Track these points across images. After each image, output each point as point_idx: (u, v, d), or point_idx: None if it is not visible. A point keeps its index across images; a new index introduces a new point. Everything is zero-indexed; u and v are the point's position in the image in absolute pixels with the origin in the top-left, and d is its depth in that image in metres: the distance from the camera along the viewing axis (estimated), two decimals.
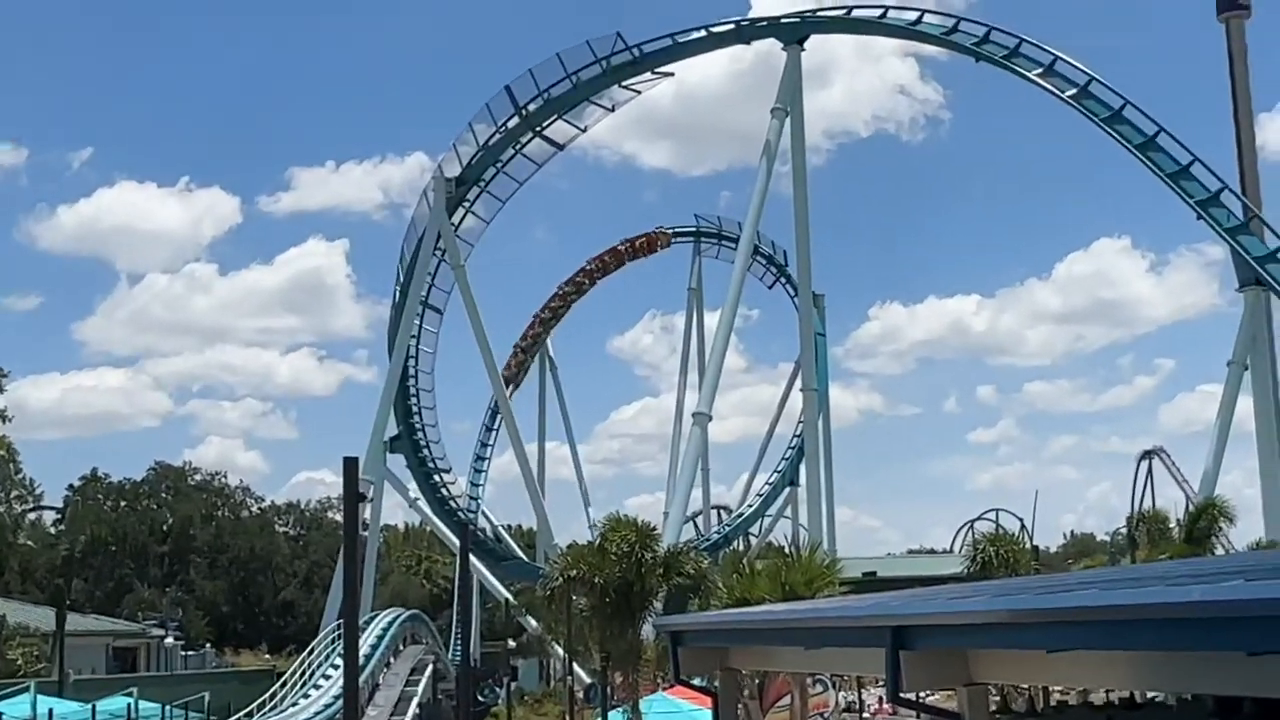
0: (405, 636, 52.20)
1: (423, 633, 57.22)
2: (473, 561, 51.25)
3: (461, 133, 60.64)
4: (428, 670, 47.81)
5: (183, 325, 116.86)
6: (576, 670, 42.86)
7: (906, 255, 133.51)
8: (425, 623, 59.66)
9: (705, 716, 23.47)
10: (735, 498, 77.90)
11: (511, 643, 59.15)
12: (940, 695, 14.06)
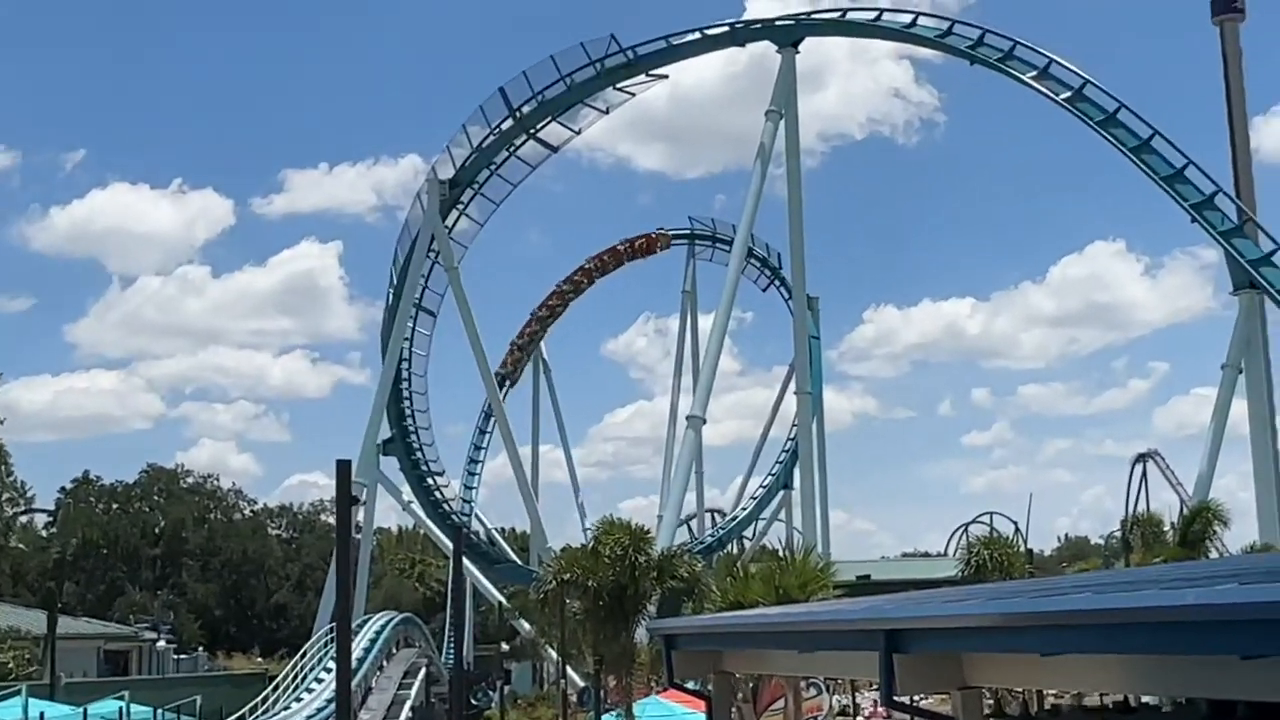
0: (398, 640, 52.14)
1: (416, 636, 57.13)
2: (466, 564, 51.26)
3: (455, 135, 60.74)
4: (421, 674, 47.81)
5: (175, 327, 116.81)
6: (570, 674, 42.76)
7: (901, 258, 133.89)
8: (418, 626, 59.58)
9: None
10: (729, 501, 77.95)
11: (505, 646, 59.02)
12: (934, 699, 14.01)
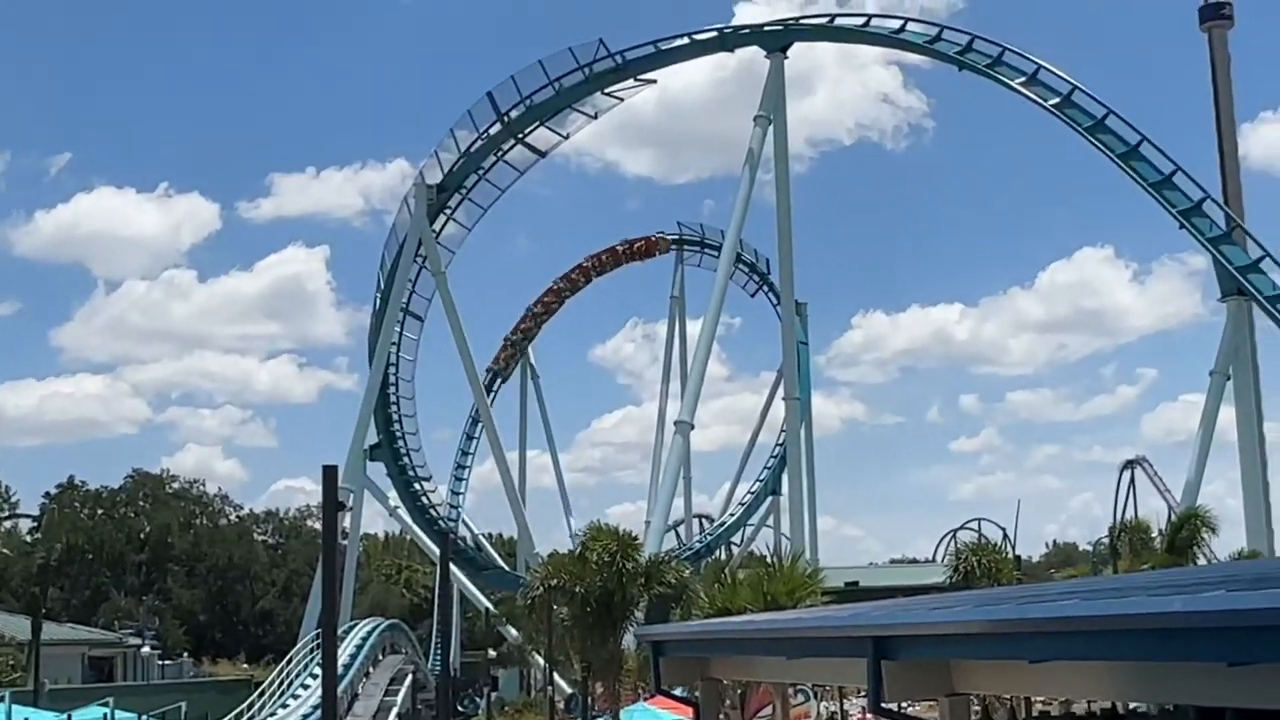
0: (384, 646, 51.94)
1: (402, 642, 56.95)
2: (453, 570, 51.04)
3: (443, 139, 60.75)
4: (407, 680, 47.59)
5: (161, 332, 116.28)
6: (557, 680, 42.71)
7: (889, 264, 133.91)
8: (405, 632, 59.41)
9: None
10: (717, 507, 77.86)
11: (492, 652, 58.86)
12: (922, 706, 13.96)
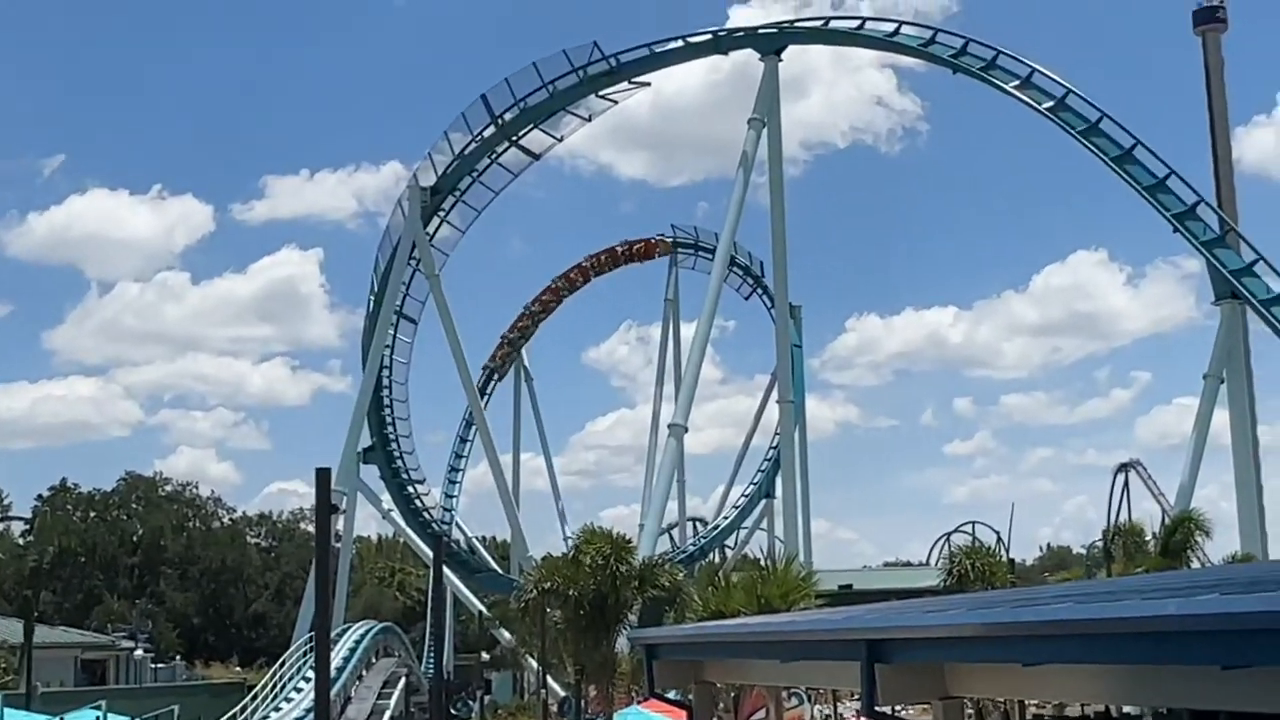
0: (378, 649, 51.86)
1: (395, 645, 56.85)
2: (446, 573, 51.11)
3: (437, 142, 60.68)
4: (400, 683, 47.58)
5: (154, 334, 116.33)
6: (551, 683, 42.60)
7: (884, 267, 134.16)
8: (398, 635, 59.28)
9: None
10: (711, 510, 77.95)
11: (485, 655, 58.83)
12: (916, 709, 13.96)
